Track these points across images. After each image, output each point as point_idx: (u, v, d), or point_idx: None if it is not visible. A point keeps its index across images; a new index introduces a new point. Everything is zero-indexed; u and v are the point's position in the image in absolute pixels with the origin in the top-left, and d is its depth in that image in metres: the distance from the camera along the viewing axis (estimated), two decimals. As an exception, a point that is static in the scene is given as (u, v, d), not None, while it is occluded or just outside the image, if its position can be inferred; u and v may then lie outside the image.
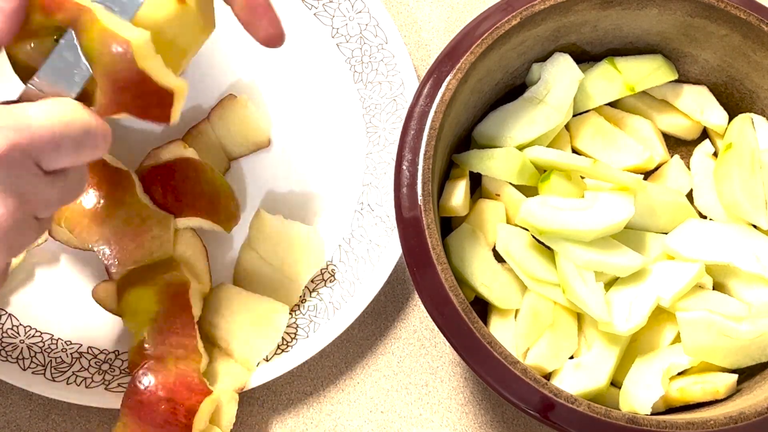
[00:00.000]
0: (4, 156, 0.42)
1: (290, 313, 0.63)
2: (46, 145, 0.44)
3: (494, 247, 0.60)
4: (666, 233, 0.60)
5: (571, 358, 0.59)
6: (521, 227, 0.59)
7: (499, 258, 0.60)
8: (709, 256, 0.58)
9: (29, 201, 0.44)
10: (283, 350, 0.62)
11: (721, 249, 0.58)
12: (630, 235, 0.59)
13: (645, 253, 0.59)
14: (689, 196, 0.63)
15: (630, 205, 0.57)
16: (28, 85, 0.47)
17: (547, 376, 0.58)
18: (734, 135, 0.61)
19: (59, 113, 0.44)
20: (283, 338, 0.62)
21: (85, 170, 0.49)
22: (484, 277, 0.59)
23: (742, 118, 0.62)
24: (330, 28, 0.69)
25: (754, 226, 0.60)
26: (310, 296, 0.64)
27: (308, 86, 0.68)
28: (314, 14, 0.69)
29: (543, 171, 0.61)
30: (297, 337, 0.62)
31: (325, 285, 0.64)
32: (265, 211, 0.63)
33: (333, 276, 0.64)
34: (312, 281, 0.64)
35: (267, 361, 0.61)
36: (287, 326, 0.62)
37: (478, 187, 0.63)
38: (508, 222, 0.61)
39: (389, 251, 0.64)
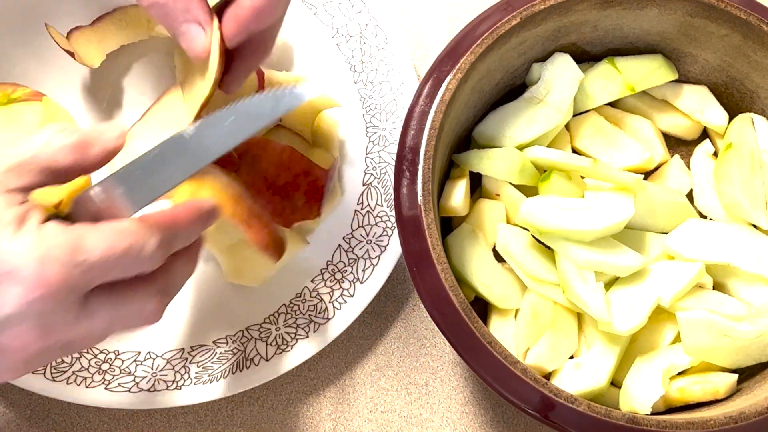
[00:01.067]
0: (50, 295, 0.40)
1: (290, 313, 0.63)
2: (96, 277, 0.41)
3: (494, 247, 0.60)
4: (666, 233, 0.60)
5: (571, 358, 0.59)
6: (521, 227, 0.59)
7: (499, 258, 0.60)
8: (709, 256, 0.58)
9: (54, 334, 0.41)
10: (283, 350, 0.62)
11: (721, 249, 0.58)
12: (630, 235, 0.59)
13: (645, 253, 0.59)
14: (689, 196, 0.63)
15: (630, 205, 0.57)
16: (88, 192, 0.44)
17: (547, 376, 0.58)
18: (734, 135, 0.61)
19: (119, 244, 0.41)
20: (283, 338, 0.62)
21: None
22: (484, 277, 0.59)
23: (742, 118, 0.62)
24: (330, 28, 0.69)
25: (754, 226, 0.60)
26: (310, 296, 0.64)
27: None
28: (314, 14, 0.69)
29: (543, 171, 0.61)
30: (297, 337, 0.62)
31: (325, 285, 0.64)
32: None
33: (333, 276, 0.64)
34: (312, 281, 0.64)
35: (267, 360, 0.61)
36: (287, 326, 0.62)
37: (478, 187, 0.63)
38: (508, 222, 0.61)
39: (389, 251, 0.64)
